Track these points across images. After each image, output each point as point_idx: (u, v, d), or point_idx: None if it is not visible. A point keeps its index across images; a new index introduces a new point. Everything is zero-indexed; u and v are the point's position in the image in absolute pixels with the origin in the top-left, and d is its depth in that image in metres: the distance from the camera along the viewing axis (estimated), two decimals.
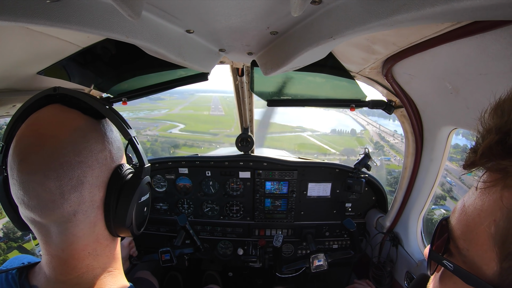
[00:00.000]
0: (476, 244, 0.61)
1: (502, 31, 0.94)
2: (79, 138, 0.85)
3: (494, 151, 0.56)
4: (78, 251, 0.88)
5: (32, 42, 1.40)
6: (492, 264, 0.57)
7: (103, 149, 0.90)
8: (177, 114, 52.58)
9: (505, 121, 0.56)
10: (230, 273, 3.57)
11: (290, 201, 3.21)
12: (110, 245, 0.98)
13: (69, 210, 0.83)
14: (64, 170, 0.80)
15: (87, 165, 0.85)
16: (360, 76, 2.11)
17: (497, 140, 0.56)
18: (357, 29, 0.91)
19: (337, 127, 43.03)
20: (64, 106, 0.89)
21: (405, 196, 2.47)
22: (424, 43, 1.28)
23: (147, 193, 1.03)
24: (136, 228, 1.00)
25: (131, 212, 0.94)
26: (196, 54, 1.45)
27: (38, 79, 1.75)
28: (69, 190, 0.81)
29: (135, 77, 2.51)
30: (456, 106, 1.54)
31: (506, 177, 0.55)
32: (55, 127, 0.84)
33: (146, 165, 0.99)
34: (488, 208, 0.58)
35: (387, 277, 2.61)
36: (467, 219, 0.63)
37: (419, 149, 2.17)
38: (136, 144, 0.97)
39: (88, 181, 0.85)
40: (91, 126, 0.90)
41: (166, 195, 3.30)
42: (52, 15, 0.87)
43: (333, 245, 3.34)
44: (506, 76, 1.08)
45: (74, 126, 0.86)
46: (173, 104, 56.66)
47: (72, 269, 0.89)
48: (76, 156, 0.83)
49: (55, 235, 0.85)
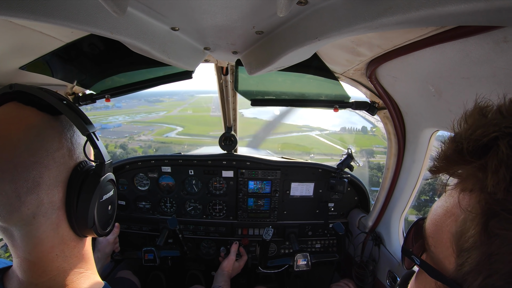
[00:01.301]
0: (441, 241, 0.66)
1: (485, 36, 0.96)
2: (33, 137, 0.81)
3: (451, 158, 0.62)
4: (45, 253, 0.86)
5: (14, 36, 1.35)
6: (451, 260, 0.62)
7: (60, 147, 0.86)
8: (175, 116, 50.58)
9: (464, 130, 0.61)
10: (213, 272, 3.55)
11: (273, 201, 3.21)
12: (78, 245, 0.95)
13: (27, 212, 0.79)
14: (19, 171, 0.77)
15: (43, 165, 0.81)
16: (344, 77, 2.12)
17: (454, 147, 0.61)
18: (342, 31, 0.91)
19: (345, 124, 39.89)
20: (19, 104, 0.85)
21: (387, 196, 2.50)
22: (408, 46, 1.29)
23: (110, 191, 0.99)
24: (100, 228, 0.96)
25: (92, 212, 0.91)
26: (180, 52, 1.43)
27: (20, 74, 1.69)
28: (25, 192, 0.78)
29: (118, 74, 2.47)
30: (438, 108, 1.56)
31: (462, 182, 0.61)
32: (7, 126, 0.80)
33: (107, 161, 0.95)
34: (451, 209, 0.64)
35: (369, 276, 2.64)
36: (436, 219, 0.69)
37: (402, 150, 2.20)
38: (96, 141, 0.93)
39: (45, 182, 0.82)
40: (47, 123, 0.86)
41: (149, 193, 3.26)
42: (36, 9, 0.84)
43: (316, 245, 3.36)
44: (488, 81, 1.10)
45: (28, 124, 0.82)
46: (171, 106, 54.70)
47: (42, 271, 0.86)
48: (31, 156, 0.79)
49: (19, 238, 0.83)
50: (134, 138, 36.67)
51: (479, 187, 0.56)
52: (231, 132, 3.17)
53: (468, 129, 0.59)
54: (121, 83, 2.54)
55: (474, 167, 0.57)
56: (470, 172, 0.58)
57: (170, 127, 44.29)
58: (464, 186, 0.60)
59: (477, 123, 0.58)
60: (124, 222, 3.30)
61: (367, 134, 33.82)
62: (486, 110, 0.60)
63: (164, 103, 54.99)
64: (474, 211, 0.56)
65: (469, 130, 0.58)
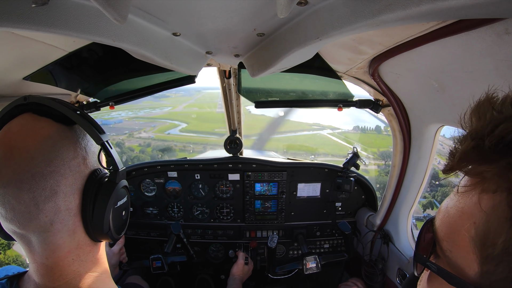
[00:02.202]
0: (458, 246, 0.61)
1: (486, 29, 0.95)
2: (49, 147, 0.84)
3: (471, 157, 0.57)
4: (62, 258, 0.88)
5: (17, 47, 1.37)
6: (474, 266, 0.57)
7: (75, 156, 0.89)
8: (179, 112, 48.02)
9: (481, 126, 0.56)
10: (222, 276, 3.55)
11: (280, 202, 3.21)
12: (93, 250, 0.98)
13: (45, 220, 0.82)
14: (36, 181, 0.80)
15: (60, 174, 0.84)
16: (347, 76, 2.12)
17: (473, 145, 0.56)
18: (343, 29, 0.91)
19: (357, 123, 36.11)
20: (35, 115, 0.88)
21: (394, 194, 2.48)
22: (410, 42, 1.29)
23: (124, 197, 1.02)
24: (115, 233, 0.99)
25: (107, 218, 0.93)
26: (182, 57, 1.44)
27: (24, 85, 1.71)
28: (43, 200, 0.81)
29: (122, 81, 2.48)
30: (442, 103, 1.56)
31: (484, 181, 0.56)
32: (25, 138, 0.83)
33: (121, 169, 0.98)
34: (468, 211, 0.59)
35: (379, 274, 2.62)
36: (449, 221, 0.64)
37: (407, 147, 2.19)
38: (109, 149, 0.96)
39: (62, 190, 0.85)
40: (62, 133, 0.89)
41: (155, 199, 3.27)
42: (37, 20, 0.86)
43: (324, 245, 3.35)
44: (491, 74, 1.09)
45: (44, 135, 0.85)
46: (177, 102, 52.10)
47: (59, 276, 0.89)
48: (48, 166, 0.82)
49: (37, 244, 0.85)
50: (134, 135, 35.10)
51: (506, 187, 0.52)
52: (236, 135, 3.18)
53: (487, 125, 0.55)
54: (125, 90, 2.55)
55: (500, 166, 0.53)
56: (494, 171, 0.54)
57: (173, 123, 42.28)
58: (486, 187, 0.55)
59: (496, 118, 0.55)
60: (132, 228, 3.31)
61: (382, 134, 29.98)
62: (495, 104, 0.57)
63: (169, 99, 52.40)
64: (502, 214, 0.52)
65: (489, 126, 0.54)
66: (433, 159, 2.08)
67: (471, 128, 0.59)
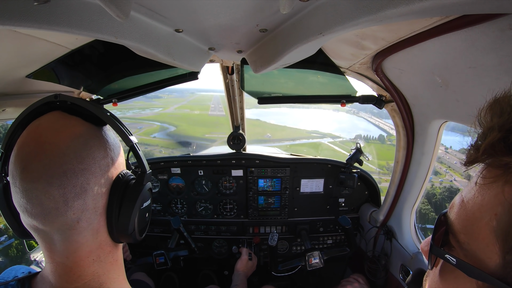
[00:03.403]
0: (477, 238, 0.61)
1: (490, 25, 0.95)
2: (80, 145, 0.84)
3: (497, 148, 0.58)
4: (83, 258, 0.87)
5: (20, 45, 1.38)
6: (495, 257, 0.57)
7: (105, 156, 0.90)
8: (170, 114, 45.92)
9: (506, 119, 0.57)
10: (226, 272, 3.57)
11: (283, 198, 3.22)
12: (113, 251, 0.97)
13: (72, 217, 0.82)
14: (68, 177, 0.80)
15: (90, 172, 0.84)
16: (350, 72, 2.12)
17: (500, 137, 0.57)
18: (346, 25, 0.91)
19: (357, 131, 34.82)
20: (64, 113, 0.88)
21: (398, 190, 2.48)
22: (413, 37, 1.29)
23: (148, 199, 1.02)
24: (138, 234, 1.00)
25: (133, 219, 0.94)
26: (185, 53, 1.44)
27: (27, 83, 1.72)
28: (73, 197, 0.81)
29: (125, 78, 2.49)
30: (446, 99, 1.55)
31: (508, 173, 0.57)
32: (56, 134, 0.83)
33: (148, 171, 0.98)
34: (488, 203, 0.59)
35: (382, 270, 2.63)
36: (466, 214, 0.64)
37: (411, 143, 2.18)
38: (138, 151, 0.97)
39: (91, 188, 0.85)
40: (92, 133, 0.89)
41: (159, 195, 3.29)
42: (39, 18, 0.86)
43: (327, 241, 3.36)
44: (495, 69, 1.09)
45: (76, 133, 0.85)
46: (169, 103, 50.37)
47: (78, 276, 0.88)
48: (79, 164, 0.82)
49: (59, 242, 0.84)
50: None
51: None
52: (239, 131, 3.19)
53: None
54: (128, 87, 2.56)
55: None
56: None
57: (161, 126, 39.99)
58: (509, 178, 0.56)
59: None
60: None
61: (386, 144, 28.06)
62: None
63: (162, 100, 51.10)
64: None
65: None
66: (436, 155, 2.07)
67: (495, 122, 0.59)
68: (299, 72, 2.38)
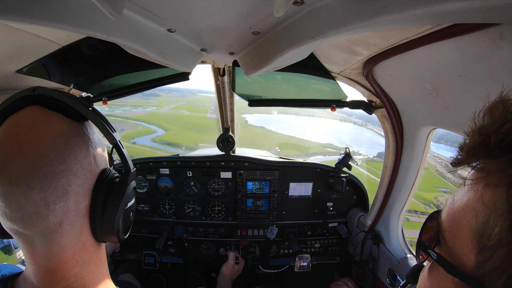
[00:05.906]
0: (459, 236, 0.64)
1: (481, 34, 0.96)
2: (62, 144, 0.79)
3: (477, 151, 0.60)
4: (66, 260, 0.84)
5: (11, 39, 1.34)
6: (471, 256, 0.60)
7: (87, 154, 0.85)
8: (163, 114, 41.59)
9: (489, 123, 0.59)
10: (213, 274, 3.55)
11: (272, 201, 3.22)
12: (97, 251, 0.94)
13: (54, 221, 0.78)
14: (48, 180, 0.75)
15: (72, 173, 0.80)
16: (341, 77, 2.12)
17: (480, 141, 0.59)
18: (338, 30, 0.91)
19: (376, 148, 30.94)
20: (44, 108, 0.83)
21: (386, 195, 2.50)
22: (404, 44, 1.29)
23: (133, 198, 1.00)
24: (122, 234, 0.97)
25: (118, 219, 0.91)
26: (177, 54, 1.43)
27: (17, 78, 1.68)
28: (54, 200, 0.77)
29: (116, 76, 2.46)
30: (435, 106, 1.56)
31: (487, 176, 0.59)
32: (36, 133, 0.78)
33: (132, 170, 0.95)
34: (471, 203, 0.62)
35: (369, 275, 2.64)
36: (453, 213, 0.66)
37: (399, 148, 2.20)
38: (122, 149, 0.93)
39: (73, 189, 0.81)
40: (74, 130, 0.85)
41: (147, 196, 3.25)
42: (32, 12, 0.84)
43: (315, 244, 3.37)
44: (485, 78, 1.10)
45: (56, 132, 0.80)
46: (165, 102, 46.48)
47: (61, 278, 0.84)
48: (60, 165, 0.78)
49: (40, 245, 0.81)
50: None
51: (507, 182, 0.55)
52: (229, 133, 3.17)
53: (496, 122, 0.58)
54: (118, 86, 2.53)
55: (502, 162, 0.55)
56: (497, 166, 0.57)
57: (149, 129, 34.96)
58: (488, 181, 0.59)
59: (504, 117, 0.57)
60: None
61: None
62: (508, 104, 0.59)
63: (159, 98, 47.53)
64: (500, 207, 0.55)
65: (497, 124, 0.57)
66: (425, 161, 2.09)
67: (475, 127, 0.62)
68: (290, 75, 2.38)
